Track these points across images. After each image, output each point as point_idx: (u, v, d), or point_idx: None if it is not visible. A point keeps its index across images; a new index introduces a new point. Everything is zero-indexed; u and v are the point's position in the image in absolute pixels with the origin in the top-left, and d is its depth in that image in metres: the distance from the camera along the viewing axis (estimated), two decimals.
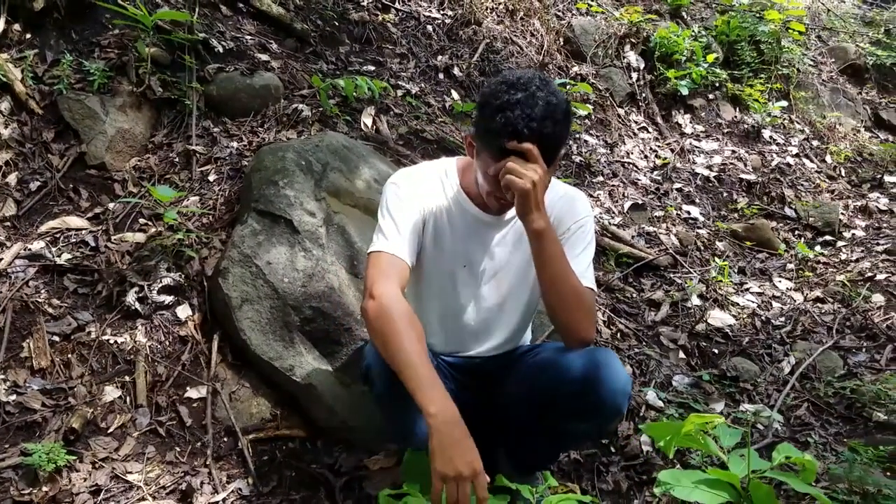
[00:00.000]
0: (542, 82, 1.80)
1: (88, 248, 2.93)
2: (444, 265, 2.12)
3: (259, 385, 2.66)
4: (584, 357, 1.95)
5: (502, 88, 1.79)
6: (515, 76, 1.81)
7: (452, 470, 1.67)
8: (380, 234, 1.99)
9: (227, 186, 3.17)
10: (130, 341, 2.66)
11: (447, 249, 2.10)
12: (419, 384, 1.73)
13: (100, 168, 3.25)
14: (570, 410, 1.98)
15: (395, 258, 1.93)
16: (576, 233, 2.05)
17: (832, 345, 3.42)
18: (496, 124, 1.77)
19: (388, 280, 1.87)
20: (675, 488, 1.65)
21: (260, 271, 2.67)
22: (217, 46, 3.73)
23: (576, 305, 1.92)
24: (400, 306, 1.82)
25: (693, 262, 4.05)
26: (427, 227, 2.08)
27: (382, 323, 1.80)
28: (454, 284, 2.15)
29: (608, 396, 1.91)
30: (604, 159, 4.76)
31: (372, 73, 4.22)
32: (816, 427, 2.92)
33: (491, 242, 2.12)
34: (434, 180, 2.11)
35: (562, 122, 1.79)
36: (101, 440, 2.40)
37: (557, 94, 1.80)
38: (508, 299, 2.18)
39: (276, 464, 2.48)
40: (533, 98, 1.75)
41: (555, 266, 1.90)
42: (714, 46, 5.97)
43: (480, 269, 2.14)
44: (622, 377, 1.92)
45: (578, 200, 2.11)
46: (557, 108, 1.77)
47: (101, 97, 3.35)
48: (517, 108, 1.75)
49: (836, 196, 5.23)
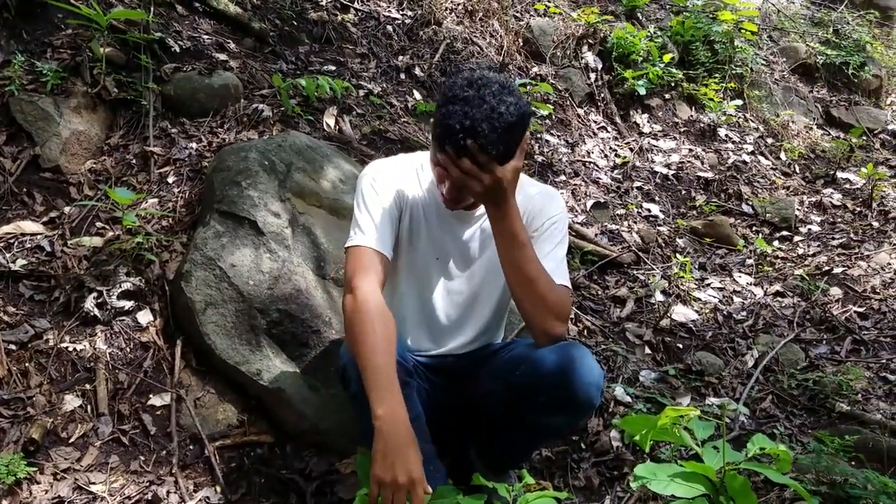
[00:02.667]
0: (501, 88, 1.78)
1: (44, 254, 2.84)
2: (420, 258, 2.13)
3: (225, 390, 2.60)
4: (557, 352, 1.96)
5: (461, 83, 1.80)
6: (478, 75, 1.81)
7: (390, 476, 1.67)
8: (357, 228, 1.99)
9: (187, 188, 3.10)
10: (90, 348, 2.58)
11: (422, 242, 2.11)
12: (374, 384, 1.74)
13: (54, 171, 3.15)
14: (544, 405, 1.98)
15: (374, 252, 1.94)
16: (548, 230, 2.05)
17: (793, 338, 3.48)
18: (440, 115, 1.79)
19: (367, 275, 1.88)
20: (652, 482, 1.65)
21: (224, 274, 2.61)
22: (174, 46, 3.66)
23: (538, 297, 1.92)
24: (375, 304, 1.83)
25: (655, 259, 4.09)
26: (403, 219, 2.09)
27: (356, 319, 1.82)
28: (428, 277, 2.16)
29: (582, 390, 1.92)
30: (565, 159, 4.78)
31: (333, 72, 4.18)
32: (781, 419, 2.96)
33: (462, 236, 2.13)
34: (409, 173, 2.12)
35: (501, 131, 1.76)
36: (63, 450, 2.33)
37: (510, 103, 1.77)
38: (481, 293, 2.19)
39: (244, 470, 2.43)
40: (481, 100, 1.75)
41: (513, 255, 1.91)
42: (670, 47, 6.05)
43: (452, 262, 2.15)
44: (595, 371, 1.93)
45: (552, 199, 2.12)
46: (501, 117, 1.75)
47: (55, 98, 3.26)
48: (460, 104, 1.75)
49: (791, 192, 5.34)
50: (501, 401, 2.09)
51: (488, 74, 1.81)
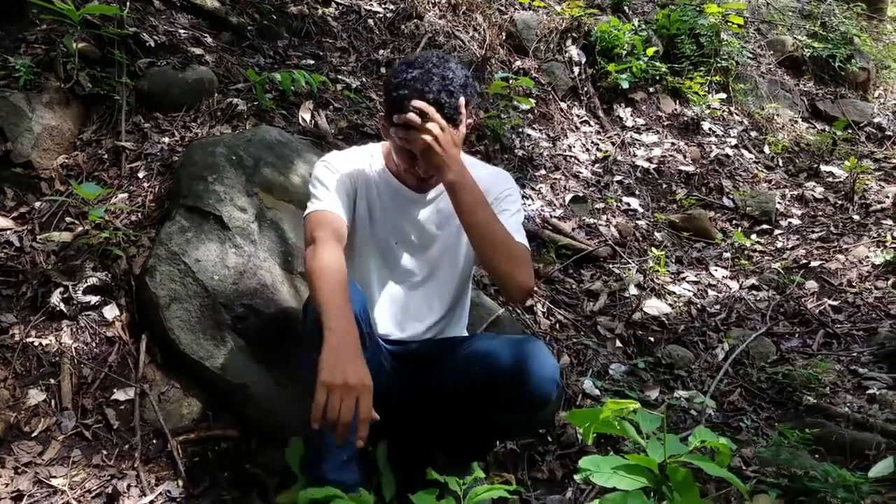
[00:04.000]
0: (440, 59, 1.94)
1: (13, 249, 2.84)
2: (378, 241, 2.20)
3: (190, 385, 2.61)
4: (512, 348, 1.99)
5: (401, 68, 1.93)
6: (416, 56, 1.97)
7: (340, 379, 1.65)
8: (313, 199, 2.08)
9: (157, 183, 3.11)
10: (55, 343, 2.59)
11: (379, 226, 2.19)
12: (329, 308, 1.79)
13: (26, 166, 3.15)
14: (499, 401, 2.00)
15: (331, 213, 2.04)
16: (503, 200, 2.15)
17: (765, 331, 3.50)
18: (394, 100, 1.90)
19: (324, 231, 1.98)
20: (595, 474, 1.66)
21: (189, 269, 2.62)
22: (148, 41, 3.66)
23: (508, 253, 1.97)
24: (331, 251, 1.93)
25: (632, 253, 4.10)
26: (359, 201, 2.17)
27: (312, 265, 1.91)
28: (388, 260, 2.22)
29: (536, 385, 1.94)
30: (546, 153, 4.78)
31: (311, 67, 4.18)
32: (749, 412, 2.98)
33: (417, 217, 2.20)
34: (362, 160, 2.21)
35: (456, 92, 1.91)
36: (25, 444, 2.33)
37: (455, 69, 1.94)
38: (438, 274, 2.25)
39: (208, 465, 2.44)
40: (428, 73, 1.89)
41: (478, 214, 1.96)
42: (654, 40, 6.04)
43: (409, 243, 2.21)
44: (550, 365, 1.96)
45: (501, 174, 2.25)
46: (453, 81, 1.91)
47: (28, 94, 3.26)
48: (412, 83, 1.88)
49: (773, 186, 5.34)
50: (460, 396, 2.10)
51: (421, 53, 2.00)
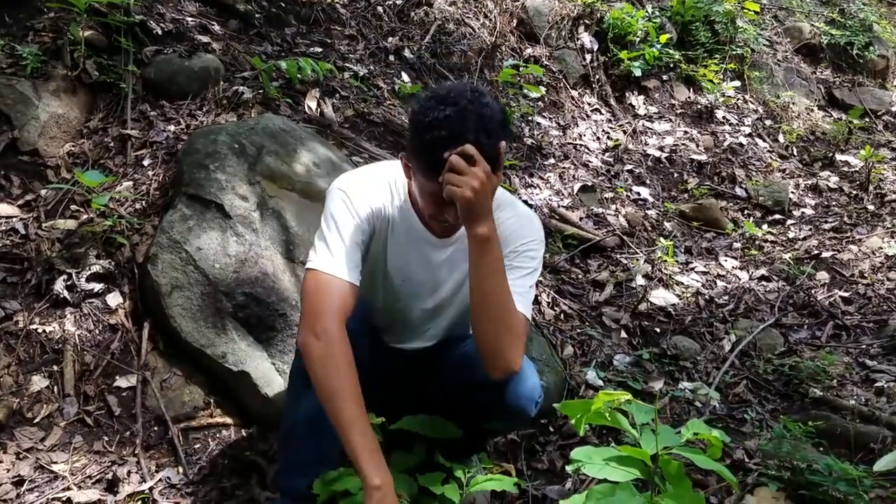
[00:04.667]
0: (474, 94, 1.70)
1: (18, 236, 2.87)
2: (388, 274, 2.05)
3: (191, 373, 2.62)
4: None
5: (431, 104, 1.68)
6: (445, 90, 1.71)
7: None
8: (324, 248, 1.84)
9: (162, 171, 3.12)
10: (59, 330, 2.61)
11: (391, 260, 2.03)
12: (363, 451, 1.69)
13: (32, 154, 3.18)
14: (479, 409, 1.98)
15: (341, 282, 1.80)
16: (522, 254, 1.93)
17: (773, 322, 3.45)
18: (426, 144, 1.67)
19: (334, 313, 1.77)
20: (587, 465, 1.64)
21: (190, 257, 2.62)
22: (155, 28, 3.67)
23: (505, 328, 1.80)
24: (343, 353, 1.75)
25: (640, 243, 4.07)
26: (375, 234, 1.98)
27: (326, 371, 1.73)
28: (395, 292, 2.08)
29: (514, 402, 1.91)
30: (556, 141, 4.75)
31: (319, 54, 4.17)
32: (754, 404, 2.95)
33: (434, 261, 2.03)
34: (383, 188, 1.98)
35: (497, 133, 1.69)
36: (27, 430, 2.36)
37: (491, 104, 1.70)
38: (445, 310, 2.13)
39: (207, 452, 2.46)
40: (464, 112, 1.66)
41: (491, 280, 1.78)
42: (668, 27, 5.97)
43: (421, 283, 2.07)
44: (529, 383, 1.92)
45: (530, 221, 2.00)
46: (491, 121, 1.68)
47: (34, 82, 3.28)
48: (447, 124, 1.64)
49: (787, 175, 5.28)
50: (448, 397, 2.09)
51: (451, 87, 1.74)
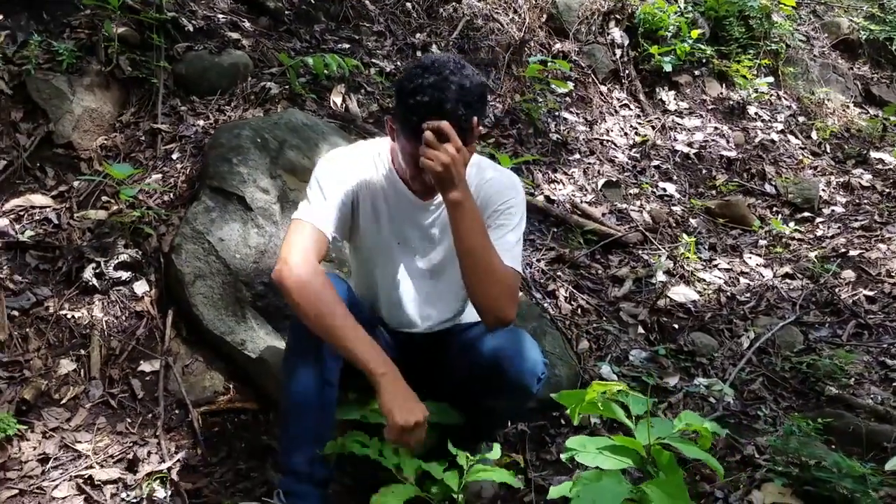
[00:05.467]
0: (457, 65, 1.84)
1: (51, 226, 2.99)
2: (382, 242, 2.16)
3: (212, 359, 2.71)
4: (498, 338, 2.01)
5: (416, 72, 1.84)
6: (430, 60, 1.87)
7: (413, 418, 1.84)
8: (305, 202, 2.02)
9: (190, 164, 3.22)
10: (87, 316, 2.72)
11: (383, 227, 2.14)
12: (360, 347, 1.87)
13: (67, 147, 3.30)
14: (483, 388, 2.05)
15: (315, 228, 1.97)
16: (504, 213, 2.06)
17: (794, 320, 3.43)
18: (409, 107, 1.82)
19: (304, 250, 1.91)
20: (580, 454, 1.68)
21: (212, 248, 2.71)
22: (187, 25, 3.77)
23: (492, 282, 1.94)
24: (318, 276, 1.89)
25: (663, 239, 4.07)
26: (361, 203, 2.11)
27: (305, 292, 1.87)
28: (392, 262, 2.19)
29: (516, 377, 1.98)
30: (582, 137, 4.76)
31: (346, 51, 4.24)
32: (769, 401, 2.94)
33: (424, 223, 2.15)
34: (367, 158, 2.13)
35: (475, 105, 1.85)
36: (54, 411, 2.47)
37: (472, 77, 1.85)
38: (443, 276, 2.22)
39: (226, 435, 2.54)
40: (445, 81, 1.81)
41: (472, 240, 1.91)
42: (701, 22, 5.92)
43: (414, 247, 2.18)
44: (531, 358, 1.99)
45: (509, 182, 2.12)
46: (470, 91, 1.83)
47: (69, 77, 3.40)
48: (429, 90, 1.80)
49: (818, 172, 5.21)
50: (453, 380, 2.16)
51: (437, 57, 1.89)
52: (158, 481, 2.29)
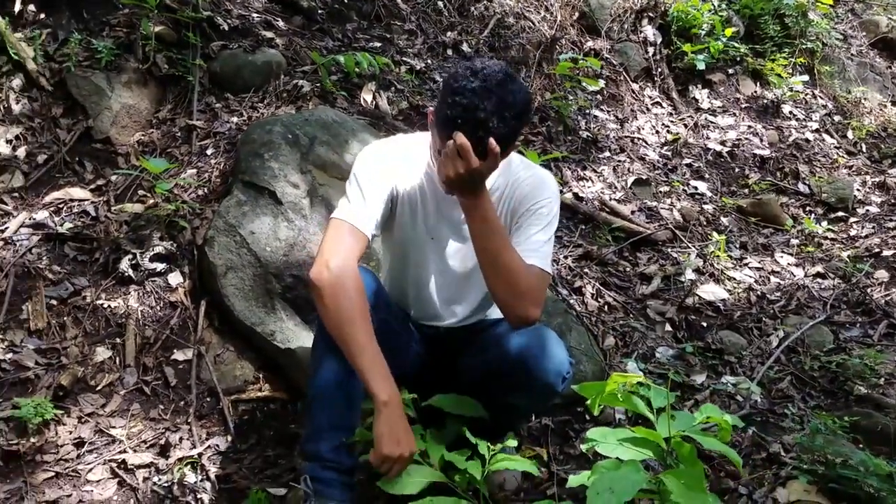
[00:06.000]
0: (506, 77, 1.80)
1: (89, 218, 3.08)
2: (416, 237, 2.17)
3: (243, 349, 2.77)
4: (524, 336, 2.02)
5: (464, 74, 1.80)
6: (482, 65, 1.82)
7: (398, 451, 1.85)
8: (345, 201, 2.02)
9: (223, 160, 3.29)
10: (123, 306, 2.80)
11: (419, 222, 2.15)
12: (370, 370, 1.86)
13: (105, 142, 3.40)
14: (508, 385, 2.06)
15: (356, 230, 1.96)
16: (535, 213, 2.05)
17: (825, 319, 3.40)
18: (446, 106, 1.80)
19: (345, 253, 1.91)
20: (601, 444, 1.70)
21: (243, 240, 2.77)
22: (222, 24, 3.84)
23: (511, 282, 1.92)
24: (354, 284, 1.89)
25: (693, 238, 4.05)
26: (400, 198, 2.12)
27: (337, 300, 1.87)
28: (424, 256, 2.20)
29: (541, 376, 1.99)
30: (612, 135, 4.75)
31: (377, 49, 4.29)
32: (796, 400, 2.92)
33: (457, 219, 2.14)
34: (407, 153, 2.13)
35: (509, 121, 1.80)
36: (89, 397, 2.55)
37: (517, 92, 1.81)
38: (474, 272, 2.20)
39: (255, 423, 2.60)
40: (488, 91, 1.76)
41: (484, 241, 1.92)
42: (735, 20, 5.87)
43: (447, 242, 2.19)
44: (557, 358, 2.00)
45: (543, 182, 2.11)
46: (510, 107, 1.79)
47: (108, 74, 3.50)
48: (469, 95, 1.76)
49: (853, 172, 5.14)
50: (477, 376, 2.18)
51: (490, 64, 1.84)
52: (189, 466, 2.36)
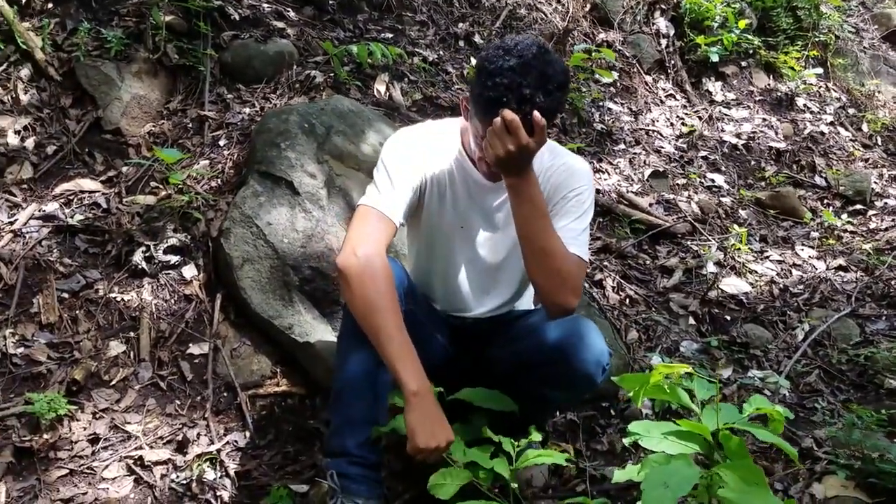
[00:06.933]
0: (541, 50, 1.75)
1: (100, 210, 3.00)
2: (444, 226, 2.11)
3: (260, 343, 2.70)
4: (561, 326, 1.96)
5: (498, 53, 1.74)
6: (514, 42, 1.77)
7: (434, 443, 1.78)
8: (373, 188, 1.96)
9: (236, 150, 3.21)
10: (136, 299, 2.72)
11: (448, 211, 2.09)
12: (400, 359, 1.79)
13: (115, 133, 3.32)
14: (543, 377, 2.00)
15: (384, 217, 1.90)
16: (571, 200, 1.97)
17: (850, 312, 3.34)
18: (487, 89, 1.73)
19: (373, 240, 1.85)
20: (644, 438, 1.63)
21: (260, 232, 2.70)
22: (233, 14, 3.77)
23: (553, 269, 1.85)
24: (383, 271, 1.82)
25: (713, 230, 3.98)
26: (429, 186, 2.06)
27: (365, 287, 1.80)
28: (453, 245, 2.14)
29: (580, 367, 1.92)
30: (627, 127, 4.69)
31: (389, 40, 4.21)
32: (826, 394, 2.86)
33: (490, 207, 2.09)
34: (436, 140, 2.07)
35: (554, 93, 1.74)
36: (104, 392, 2.47)
37: (555, 63, 1.75)
38: (505, 263, 2.16)
39: (273, 418, 2.53)
40: (527, 66, 1.71)
41: (531, 225, 1.84)
42: (748, 12, 5.81)
43: (477, 231, 2.12)
44: (597, 348, 1.93)
45: (579, 170, 2.03)
46: (551, 79, 1.73)
47: (118, 64, 3.42)
48: (509, 74, 1.71)
49: (870, 165, 5.08)
50: (507, 368, 2.12)
51: (521, 39, 1.78)
52: (208, 463, 2.29)
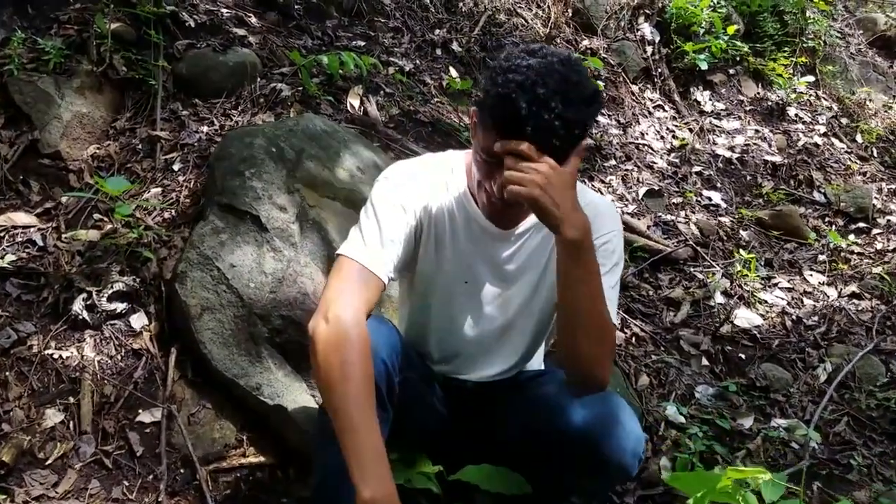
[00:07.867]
0: (568, 59, 1.44)
1: (36, 249, 2.61)
2: (443, 278, 1.77)
3: (223, 406, 2.33)
4: (590, 404, 1.63)
5: (518, 53, 1.46)
6: (540, 46, 1.47)
7: None
8: (358, 235, 1.63)
9: (193, 177, 2.84)
10: (77, 356, 2.34)
11: (449, 262, 1.75)
12: (356, 454, 1.40)
13: (54, 157, 2.92)
14: (568, 465, 1.67)
15: (369, 273, 1.57)
16: (600, 249, 1.61)
17: (873, 348, 3.06)
18: (496, 85, 1.42)
19: (350, 302, 1.50)
20: None
21: (222, 275, 2.33)
22: (188, 20, 3.39)
23: (598, 341, 1.53)
24: (358, 342, 1.47)
25: (715, 255, 3.69)
26: (425, 233, 1.73)
27: (330, 358, 1.45)
28: (456, 303, 1.80)
29: (615, 457, 1.60)
30: (616, 141, 4.39)
31: (361, 48, 3.86)
32: (859, 446, 2.58)
33: (499, 258, 1.76)
34: (437, 178, 1.74)
35: (577, 104, 1.39)
36: (38, 474, 2.08)
37: (581, 71, 1.44)
38: (515, 323, 1.83)
39: (240, 497, 2.17)
40: (549, 67, 1.39)
41: (583, 289, 1.49)
42: (734, 17, 5.56)
43: (485, 287, 1.79)
44: (634, 434, 1.61)
45: (605, 212, 1.70)
46: (576, 87, 1.39)
47: (57, 78, 3.02)
48: (525, 71, 1.39)
49: (868, 179, 4.84)
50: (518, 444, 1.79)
51: (552, 47, 1.50)
52: None
